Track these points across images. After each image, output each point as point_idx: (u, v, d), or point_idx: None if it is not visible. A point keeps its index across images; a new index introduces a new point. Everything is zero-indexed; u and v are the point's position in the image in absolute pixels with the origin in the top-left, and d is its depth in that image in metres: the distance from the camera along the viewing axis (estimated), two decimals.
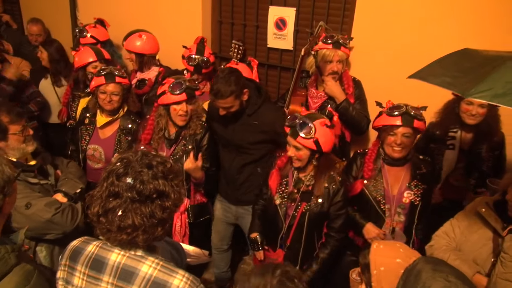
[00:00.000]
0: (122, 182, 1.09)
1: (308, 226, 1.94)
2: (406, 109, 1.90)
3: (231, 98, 2.05)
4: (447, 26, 2.34)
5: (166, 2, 3.30)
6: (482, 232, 1.55)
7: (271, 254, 2.09)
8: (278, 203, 1.99)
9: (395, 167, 2.01)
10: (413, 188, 1.99)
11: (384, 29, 2.53)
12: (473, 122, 2.13)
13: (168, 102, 2.14)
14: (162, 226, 1.14)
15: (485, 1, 2.20)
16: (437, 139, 2.28)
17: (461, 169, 2.25)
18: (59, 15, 3.96)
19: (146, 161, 1.13)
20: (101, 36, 3.06)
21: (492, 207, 1.56)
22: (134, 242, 1.12)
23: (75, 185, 1.98)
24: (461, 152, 2.23)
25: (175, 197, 1.15)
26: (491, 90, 1.11)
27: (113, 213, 1.09)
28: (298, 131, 1.81)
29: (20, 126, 1.83)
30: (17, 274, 1.13)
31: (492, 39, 2.19)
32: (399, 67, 2.53)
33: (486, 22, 2.22)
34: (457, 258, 1.54)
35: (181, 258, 1.48)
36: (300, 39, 2.97)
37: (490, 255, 1.51)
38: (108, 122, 2.44)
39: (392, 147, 1.94)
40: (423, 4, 2.37)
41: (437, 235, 1.70)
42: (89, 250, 1.17)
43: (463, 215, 1.68)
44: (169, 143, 2.25)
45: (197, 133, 2.24)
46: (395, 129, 1.90)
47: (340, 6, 2.75)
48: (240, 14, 3.15)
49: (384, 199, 2.00)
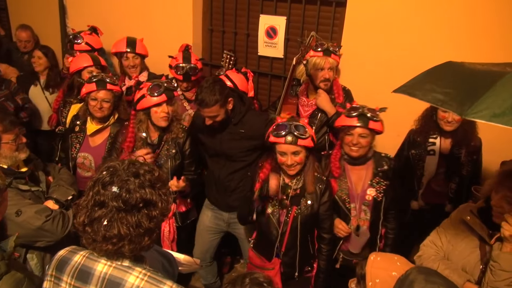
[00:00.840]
0: (108, 191, 1.07)
1: (301, 230, 1.96)
2: (362, 110, 1.98)
3: (216, 107, 2.05)
4: (438, 35, 2.40)
5: (157, 10, 3.30)
6: (468, 240, 1.58)
7: (266, 264, 2.08)
8: (270, 211, 1.99)
9: (357, 166, 2.08)
10: (375, 185, 2.05)
11: (374, 38, 2.58)
12: (449, 128, 2.22)
13: (149, 105, 2.12)
14: (149, 235, 1.12)
15: (477, 10, 2.27)
16: (417, 146, 2.35)
17: (442, 174, 2.33)
18: (48, 22, 3.92)
19: (133, 169, 1.11)
20: (95, 44, 3.04)
21: (477, 214, 1.58)
22: (120, 252, 1.09)
23: (67, 192, 1.96)
24: (441, 157, 2.31)
25: (163, 206, 1.13)
26: (489, 109, 1.09)
27: (99, 223, 1.07)
28: (297, 135, 1.83)
29: (13, 135, 1.81)
30: (7, 282, 1.12)
31: (485, 49, 2.25)
32: (388, 75, 2.58)
33: (479, 31, 2.28)
34: (446, 268, 1.55)
35: (173, 268, 1.46)
36: (290, 48, 3.01)
37: (478, 262, 1.52)
38: (99, 130, 2.41)
39: (349, 147, 2.02)
40: (414, 13, 2.43)
41: (425, 245, 1.72)
42: (76, 260, 1.14)
43: (448, 223, 1.70)
44: (152, 148, 2.24)
45: (179, 137, 2.24)
46: (352, 130, 1.99)
47: (330, 15, 2.80)
48: (231, 22, 3.18)
49: (349, 198, 2.07)
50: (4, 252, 1.16)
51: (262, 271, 2.08)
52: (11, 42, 4.11)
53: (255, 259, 2.14)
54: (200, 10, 3.23)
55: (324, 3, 2.79)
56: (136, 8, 3.40)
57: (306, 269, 2.07)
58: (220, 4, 3.17)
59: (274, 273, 2.04)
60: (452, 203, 2.32)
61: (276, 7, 2.94)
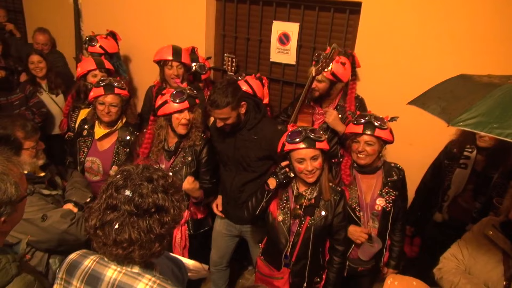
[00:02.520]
0: (121, 194, 1.06)
1: (314, 240, 1.92)
2: (369, 118, 1.97)
3: (227, 109, 2.04)
4: (451, 44, 2.36)
5: (170, 15, 3.33)
6: (491, 254, 1.52)
7: (275, 273, 2.03)
8: (280, 219, 1.95)
9: (367, 175, 2.06)
10: (384, 195, 2.03)
11: (388, 46, 2.55)
12: (483, 144, 2.15)
13: (171, 111, 2.12)
14: (160, 242, 1.10)
15: (496, 19, 2.23)
16: (452, 157, 2.28)
17: (470, 191, 2.24)
18: (63, 25, 3.98)
19: (147, 174, 1.10)
20: (110, 48, 3.05)
21: (499, 228, 1.53)
22: (130, 257, 1.08)
23: (84, 195, 1.97)
24: (473, 173, 2.21)
25: (175, 212, 1.11)
26: (475, 118, 1.13)
27: (110, 226, 1.06)
28: (314, 138, 1.82)
29: (34, 142, 1.82)
30: (18, 284, 1.11)
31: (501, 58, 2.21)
32: (402, 83, 2.54)
33: (497, 41, 2.24)
34: (468, 282, 1.51)
35: (183, 275, 1.43)
36: (303, 54, 2.99)
37: (501, 277, 1.47)
38: (106, 134, 2.41)
39: (356, 154, 2.01)
40: (428, 21, 2.39)
41: (445, 257, 1.67)
42: (86, 265, 1.13)
43: (470, 236, 1.66)
44: (168, 155, 2.23)
45: (196, 145, 2.23)
46: (359, 137, 1.99)
47: (344, 22, 2.78)
48: (244, 28, 3.18)
49: (359, 207, 2.05)
50: (16, 254, 1.15)
51: (271, 280, 2.04)
52: (26, 44, 4.18)
53: (264, 268, 2.10)
54: (213, 15, 3.25)
55: (338, 10, 2.78)
56: (149, 14, 3.43)
57: (315, 280, 2.02)
58: (233, 10, 3.17)
59: (283, 282, 2.00)
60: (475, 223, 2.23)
61: (289, 13, 2.93)
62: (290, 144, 1.85)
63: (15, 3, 4.51)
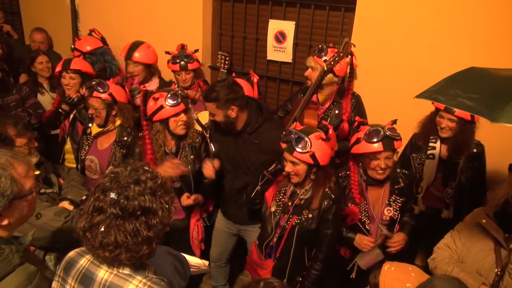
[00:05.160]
0: (107, 197, 1.06)
1: (297, 240, 1.94)
2: (384, 132, 1.87)
3: (211, 104, 2.07)
4: (446, 40, 2.39)
5: (166, 13, 3.35)
6: (483, 243, 1.55)
7: (262, 262, 2.07)
8: (273, 210, 1.99)
9: (376, 186, 2.03)
10: (392, 203, 2.03)
11: (383, 43, 2.58)
12: (444, 135, 2.22)
13: (168, 115, 2.13)
14: (148, 244, 1.09)
15: (488, 14, 2.26)
16: (418, 149, 2.35)
17: (440, 179, 2.33)
18: (60, 26, 3.98)
19: (135, 176, 1.09)
20: (82, 47, 3.07)
21: (493, 217, 1.56)
22: (118, 259, 1.07)
23: (80, 192, 1.98)
24: (440, 162, 2.30)
25: (163, 214, 1.09)
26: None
27: (97, 229, 1.06)
28: (294, 146, 1.80)
29: (26, 139, 1.84)
30: (20, 274, 1.13)
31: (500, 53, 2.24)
32: (397, 80, 2.58)
33: (491, 36, 2.26)
34: (461, 271, 1.54)
35: (185, 270, 1.45)
36: (299, 52, 3.02)
37: (493, 265, 1.50)
38: (105, 133, 2.46)
39: (376, 171, 1.93)
40: (422, 18, 2.42)
41: (439, 248, 1.70)
42: (81, 264, 1.14)
43: (463, 226, 1.69)
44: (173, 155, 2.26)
45: (195, 141, 2.27)
46: (378, 155, 1.88)
47: (339, 20, 2.82)
48: (240, 27, 3.20)
49: (368, 220, 2.03)
50: (21, 245, 1.17)
51: (256, 268, 2.09)
52: (23, 45, 4.18)
53: (254, 254, 2.14)
54: (210, 14, 3.27)
55: (333, 8, 2.81)
56: (146, 13, 3.44)
57: (296, 279, 2.03)
58: (229, 9, 3.20)
59: (266, 273, 2.04)
60: (449, 209, 2.31)
61: (285, 12, 2.96)
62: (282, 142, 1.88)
63: (12, 4, 4.51)
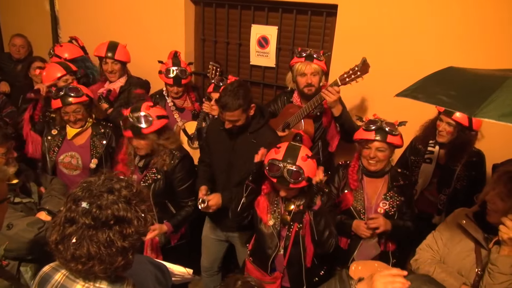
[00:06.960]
0: (79, 207, 1.01)
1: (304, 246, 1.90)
2: (381, 124, 1.95)
3: (238, 111, 2.03)
4: (428, 43, 2.43)
5: (149, 19, 3.32)
6: (464, 243, 1.57)
7: (266, 277, 1.99)
8: (271, 223, 1.93)
9: (373, 178, 2.06)
10: (388, 199, 2.04)
11: (364, 47, 2.60)
12: (441, 139, 2.22)
13: (126, 136, 2.15)
14: (123, 255, 1.04)
15: (469, 17, 2.29)
16: (417, 152, 2.35)
17: (435, 184, 2.32)
18: (40, 33, 3.92)
19: (108, 185, 1.05)
20: (62, 54, 3.01)
21: (472, 218, 1.58)
22: (92, 272, 1.02)
23: (59, 202, 1.93)
24: (437, 167, 2.30)
25: (139, 224, 1.05)
26: (497, 110, 1.11)
27: (69, 240, 1.01)
28: (288, 180, 1.75)
29: (4, 149, 1.80)
30: None
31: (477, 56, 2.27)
32: (379, 84, 2.59)
33: (470, 39, 2.30)
34: (442, 271, 1.54)
35: (166, 280, 1.41)
36: (282, 57, 3.03)
37: (473, 265, 1.52)
38: (81, 133, 2.47)
39: (367, 160, 2.00)
40: (403, 22, 2.46)
41: (421, 249, 1.71)
42: (56, 279, 1.08)
43: (444, 227, 1.70)
44: (140, 169, 2.23)
45: (166, 164, 2.17)
46: (370, 143, 1.97)
47: (321, 24, 2.84)
48: (223, 32, 3.20)
49: (364, 209, 2.05)
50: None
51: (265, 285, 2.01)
52: (2, 53, 4.09)
53: (254, 272, 2.06)
54: (193, 20, 3.26)
55: (315, 13, 2.83)
56: (128, 18, 3.41)
57: (314, 281, 1.99)
58: (212, 14, 3.20)
59: (276, 287, 1.97)
60: (441, 215, 2.30)
61: (268, 17, 2.97)
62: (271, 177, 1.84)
63: None
